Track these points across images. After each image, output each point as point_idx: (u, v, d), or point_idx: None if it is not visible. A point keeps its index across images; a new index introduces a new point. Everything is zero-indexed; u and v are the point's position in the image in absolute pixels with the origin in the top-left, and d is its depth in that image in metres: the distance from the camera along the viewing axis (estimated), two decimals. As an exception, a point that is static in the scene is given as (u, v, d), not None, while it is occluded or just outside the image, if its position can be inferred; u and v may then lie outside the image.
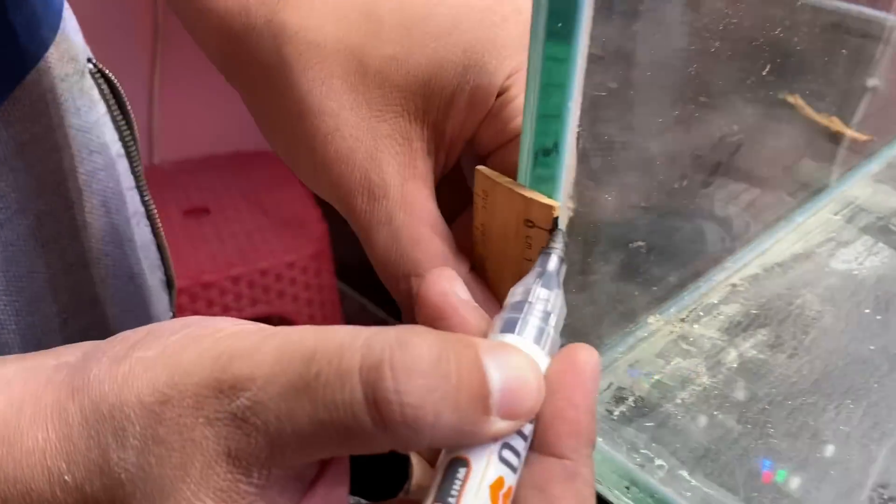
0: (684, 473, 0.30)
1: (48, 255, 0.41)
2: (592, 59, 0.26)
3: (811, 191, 0.48)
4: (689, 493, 0.30)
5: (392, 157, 0.29)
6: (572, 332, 0.25)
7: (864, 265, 0.42)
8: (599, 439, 0.32)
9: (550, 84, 0.26)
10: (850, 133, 0.52)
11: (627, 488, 0.31)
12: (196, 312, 1.22)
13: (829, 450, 0.32)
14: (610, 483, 0.31)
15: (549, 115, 0.26)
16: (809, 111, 0.52)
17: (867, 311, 0.39)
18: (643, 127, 0.35)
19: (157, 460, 0.21)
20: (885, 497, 0.30)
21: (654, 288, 0.39)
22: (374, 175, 0.29)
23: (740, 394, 0.34)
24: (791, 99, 0.51)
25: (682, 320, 0.38)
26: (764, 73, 0.45)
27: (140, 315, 0.50)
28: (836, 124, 0.52)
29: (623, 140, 0.33)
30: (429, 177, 0.30)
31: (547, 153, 0.28)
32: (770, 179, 0.48)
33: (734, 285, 0.41)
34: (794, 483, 0.31)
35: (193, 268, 1.22)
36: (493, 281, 0.30)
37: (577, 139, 0.27)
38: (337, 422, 0.19)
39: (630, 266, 0.37)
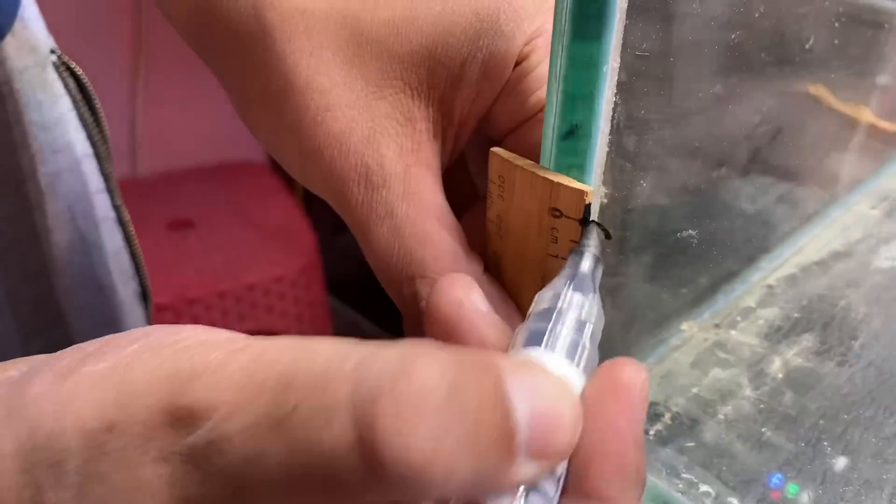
0: (735, 501, 0.26)
1: (6, 264, 0.37)
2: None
3: (844, 184, 0.45)
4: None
5: (392, 140, 0.25)
6: (614, 332, 0.21)
7: (910, 262, 0.38)
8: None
9: (579, 58, 0.22)
10: (882, 124, 0.49)
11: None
12: (181, 329, 1.18)
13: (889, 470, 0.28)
14: (650, 514, 0.26)
15: (578, 94, 0.23)
16: (835, 101, 0.48)
17: (919, 312, 0.35)
18: (676, 111, 0.31)
19: None
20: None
21: (685, 290, 0.34)
22: (371, 160, 0.25)
23: (790, 407, 0.30)
24: (813, 89, 0.48)
25: (717, 326, 0.34)
26: (788, 64, 0.42)
27: (111, 330, 0.45)
28: (867, 115, 0.49)
29: (656, 122, 0.29)
30: (435, 163, 0.26)
31: (574, 133, 0.24)
32: (801, 172, 0.44)
33: (771, 286, 0.37)
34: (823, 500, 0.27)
35: (178, 283, 1.18)
36: (511, 283, 0.26)
37: (613, 115, 0.23)
38: (318, 470, 0.15)
39: (658, 266, 0.33)
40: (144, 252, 1.34)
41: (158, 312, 1.15)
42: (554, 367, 0.19)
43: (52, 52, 0.42)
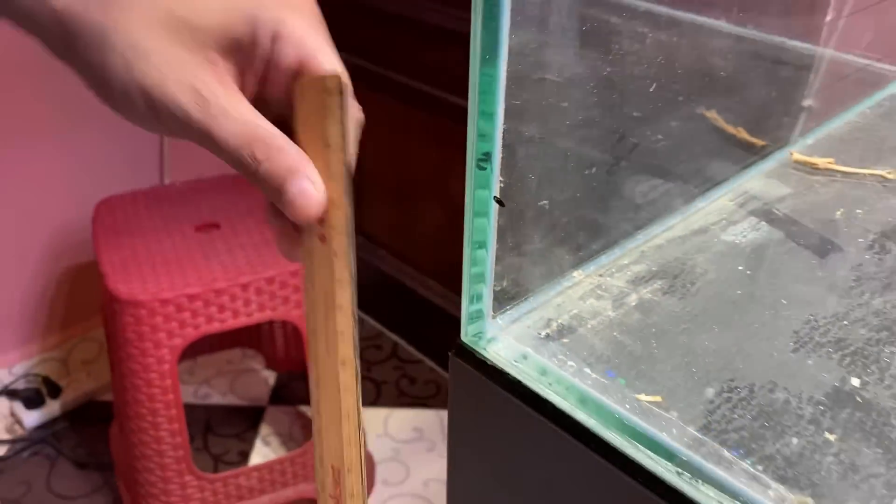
0: (587, 370, 0.43)
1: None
2: (546, 83, 0.39)
3: (715, 182, 0.61)
4: (589, 382, 0.42)
5: (208, 74, 0.37)
6: (526, 275, 0.38)
7: (746, 237, 0.55)
8: (530, 349, 0.44)
9: (485, 110, 0.38)
10: (750, 139, 0.65)
11: (550, 384, 0.43)
12: (210, 316, 1.34)
13: (698, 359, 0.44)
14: (534, 377, 0.43)
15: (486, 111, 0.39)
16: (722, 123, 0.65)
17: (740, 267, 0.51)
18: (584, 135, 0.48)
19: None
20: (733, 388, 0.42)
21: (581, 252, 0.51)
22: (199, 84, 0.37)
23: (635, 322, 0.46)
24: (708, 114, 0.64)
25: (600, 275, 0.51)
26: (688, 95, 0.58)
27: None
28: (741, 133, 0.65)
29: (559, 143, 0.46)
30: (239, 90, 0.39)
31: (485, 159, 0.40)
32: (683, 174, 0.60)
33: (643, 252, 0.53)
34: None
35: (206, 276, 1.34)
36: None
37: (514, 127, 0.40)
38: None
39: (562, 237, 0.49)
40: (176, 252, 1.53)
41: (190, 301, 1.32)
42: None
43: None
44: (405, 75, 1.65)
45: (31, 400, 1.83)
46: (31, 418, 1.74)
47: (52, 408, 1.79)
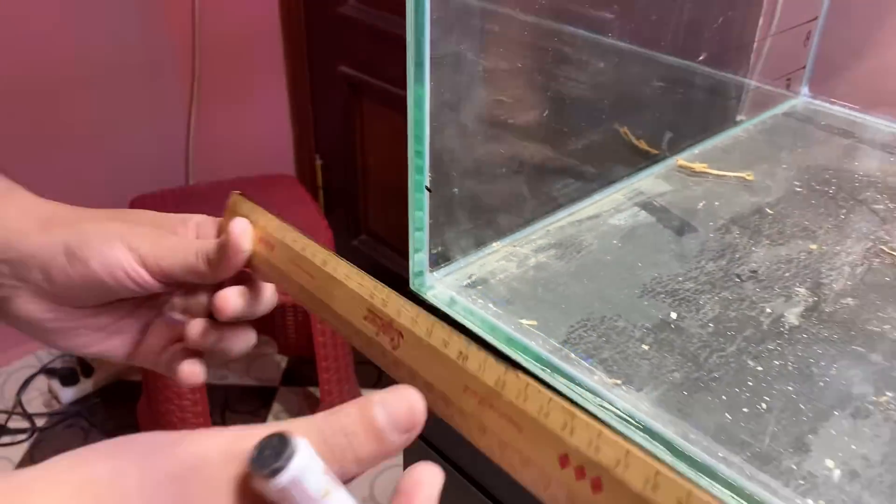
0: (491, 305, 0.62)
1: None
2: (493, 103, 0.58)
3: (614, 181, 0.80)
4: (491, 313, 0.61)
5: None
6: (458, 245, 0.57)
7: (626, 221, 0.74)
8: (455, 293, 0.63)
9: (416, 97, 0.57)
10: (648, 149, 0.84)
11: (464, 315, 0.62)
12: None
13: (569, 300, 0.63)
14: (459, 313, 0.62)
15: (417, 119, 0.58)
16: (629, 135, 0.84)
17: (615, 241, 0.70)
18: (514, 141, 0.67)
19: None
20: (589, 318, 0.61)
21: (502, 230, 0.70)
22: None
23: (530, 277, 0.66)
24: (621, 130, 0.83)
25: (514, 245, 0.70)
26: (604, 111, 0.77)
27: None
28: (642, 144, 0.84)
29: (489, 145, 0.65)
30: None
31: (419, 153, 0.59)
32: (591, 174, 0.79)
33: (548, 230, 0.72)
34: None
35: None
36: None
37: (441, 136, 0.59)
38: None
39: (490, 219, 0.69)
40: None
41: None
42: None
43: None
44: (403, 89, 1.85)
45: (67, 378, 2.03)
46: (67, 394, 1.93)
47: (86, 385, 1.98)
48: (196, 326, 0.46)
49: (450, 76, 0.62)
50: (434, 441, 0.68)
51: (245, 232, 0.45)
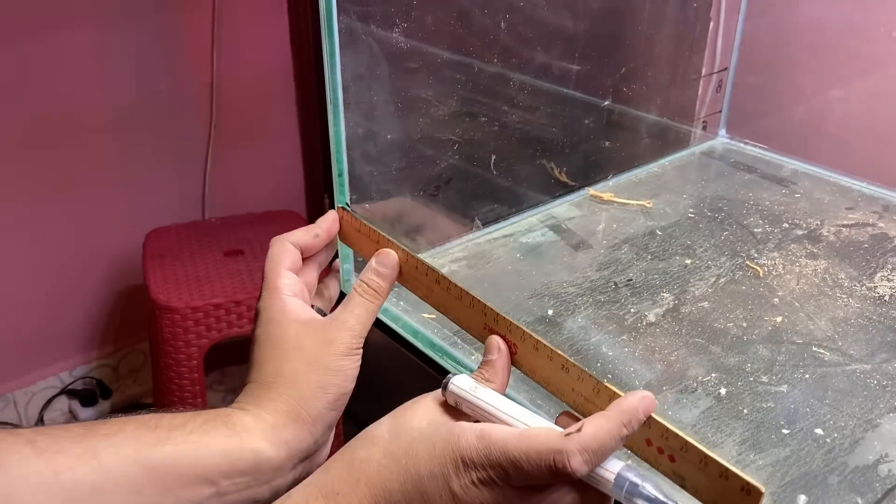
0: (402, 304, 0.75)
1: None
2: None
3: (532, 206, 0.93)
4: (400, 310, 0.74)
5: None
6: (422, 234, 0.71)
7: (534, 239, 0.87)
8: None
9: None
10: (567, 181, 0.97)
11: (381, 311, 0.75)
12: (230, 323, 1.68)
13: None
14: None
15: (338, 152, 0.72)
16: (554, 169, 0.97)
17: (518, 255, 0.83)
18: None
19: None
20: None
21: (424, 245, 0.84)
22: None
23: (475, 265, 0.79)
24: (546, 163, 0.97)
25: (432, 258, 0.83)
26: (537, 150, 0.91)
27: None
28: (562, 176, 0.98)
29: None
30: None
31: (340, 174, 0.73)
32: (512, 200, 0.93)
33: (466, 246, 0.86)
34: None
35: (229, 290, 1.69)
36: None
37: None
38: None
39: (412, 235, 0.82)
40: (207, 271, 1.91)
41: (215, 309, 1.66)
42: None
43: None
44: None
45: (87, 399, 2.17)
46: (86, 414, 2.08)
47: (104, 406, 2.13)
48: None
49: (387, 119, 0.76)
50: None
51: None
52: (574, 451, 0.42)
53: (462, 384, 0.49)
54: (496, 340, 0.54)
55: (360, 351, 0.56)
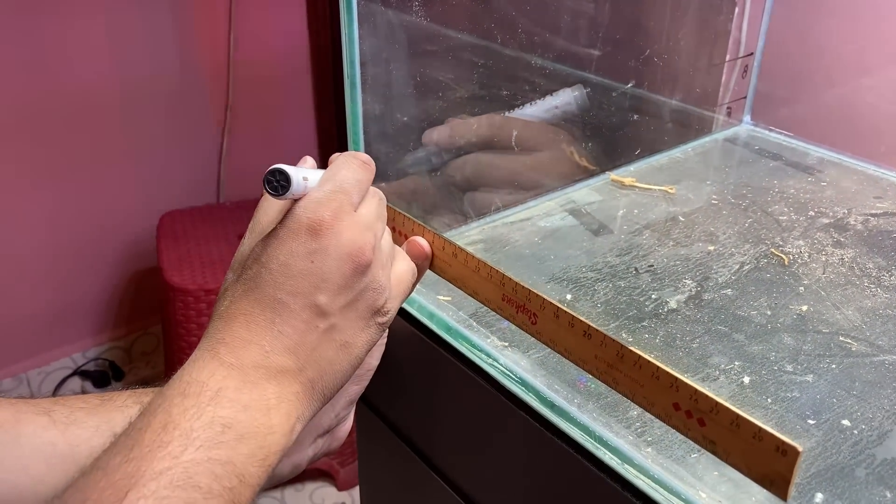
0: (422, 288, 0.73)
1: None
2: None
3: (552, 191, 0.91)
4: (420, 296, 0.73)
5: None
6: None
7: (552, 224, 0.85)
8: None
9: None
10: (589, 165, 0.95)
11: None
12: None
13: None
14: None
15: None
16: (576, 155, 0.95)
17: (537, 239, 0.82)
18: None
19: None
20: (501, 300, 0.72)
21: (444, 227, 0.82)
22: None
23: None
24: (566, 147, 0.95)
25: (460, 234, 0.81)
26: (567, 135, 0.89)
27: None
28: (584, 161, 0.96)
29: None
30: None
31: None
32: (532, 185, 0.91)
33: (483, 230, 0.84)
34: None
35: (242, 274, 1.68)
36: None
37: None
38: None
39: (429, 218, 0.81)
40: (221, 254, 1.90)
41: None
42: None
43: None
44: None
45: (99, 380, 2.18)
46: (99, 394, 2.09)
47: (116, 387, 2.13)
48: None
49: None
50: (397, 424, 0.80)
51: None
52: None
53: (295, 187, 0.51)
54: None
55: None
